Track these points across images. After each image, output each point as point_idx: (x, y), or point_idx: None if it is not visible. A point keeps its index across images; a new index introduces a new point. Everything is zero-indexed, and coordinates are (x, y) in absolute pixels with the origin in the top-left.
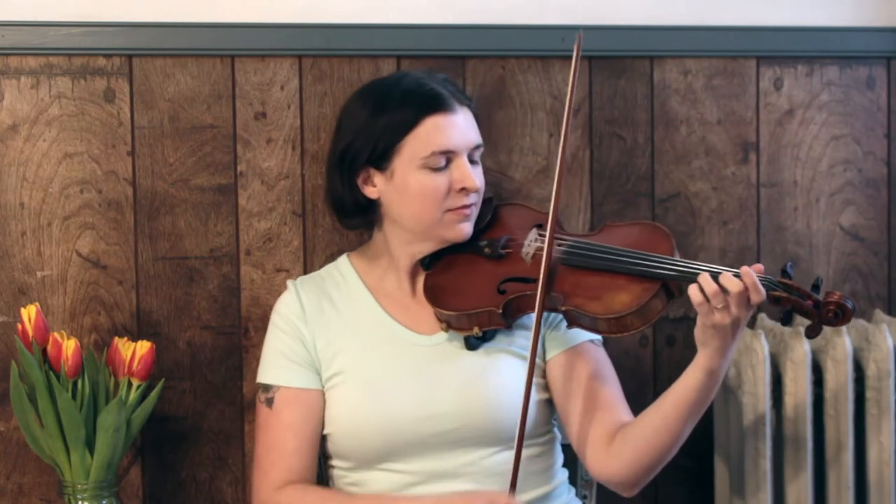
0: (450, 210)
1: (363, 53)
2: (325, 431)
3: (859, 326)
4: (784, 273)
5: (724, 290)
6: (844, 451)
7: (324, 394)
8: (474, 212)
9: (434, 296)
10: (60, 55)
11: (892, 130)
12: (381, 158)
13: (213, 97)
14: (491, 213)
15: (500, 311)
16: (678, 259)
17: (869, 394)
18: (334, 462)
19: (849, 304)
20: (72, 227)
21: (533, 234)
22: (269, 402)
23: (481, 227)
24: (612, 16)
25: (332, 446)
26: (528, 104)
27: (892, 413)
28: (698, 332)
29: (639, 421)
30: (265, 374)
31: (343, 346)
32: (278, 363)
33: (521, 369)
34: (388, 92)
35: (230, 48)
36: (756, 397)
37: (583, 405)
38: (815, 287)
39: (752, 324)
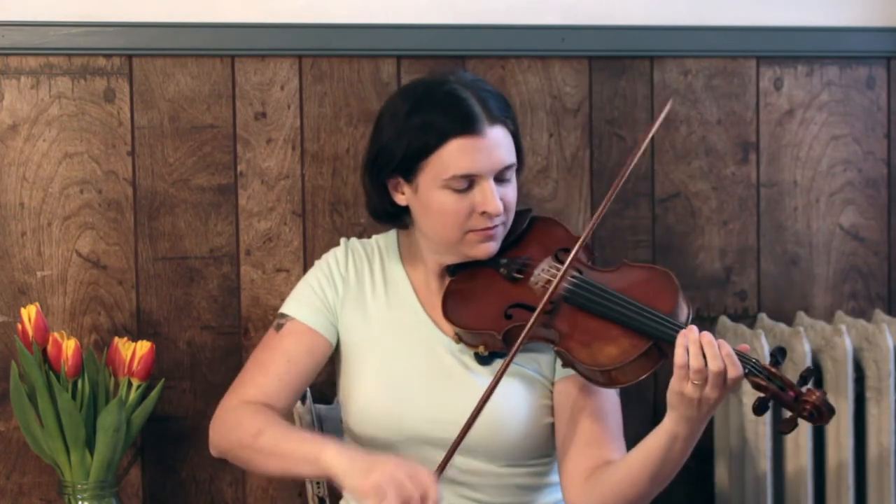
0: (472, 231)
1: (363, 53)
2: (343, 418)
3: (859, 326)
4: (773, 358)
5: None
6: (844, 451)
7: (332, 347)
8: (501, 231)
9: (448, 306)
10: (60, 55)
11: (892, 130)
12: (408, 171)
13: (213, 97)
14: (525, 225)
15: (500, 337)
16: (672, 320)
17: (869, 394)
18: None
19: (826, 410)
20: (72, 227)
21: (547, 262)
22: (279, 327)
23: (512, 240)
24: (612, 16)
25: (348, 434)
26: (528, 104)
27: (892, 413)
28: (669, 394)
29: (611, 467)
30: (287, 305)
31: (373, 323)
32: (304, 298)
33: (531, 392)
34: (423, 103)
35: (230, 48)
36: (756, 397)
37: (574, 435)
38: (804, 379)
39: (752, 324)
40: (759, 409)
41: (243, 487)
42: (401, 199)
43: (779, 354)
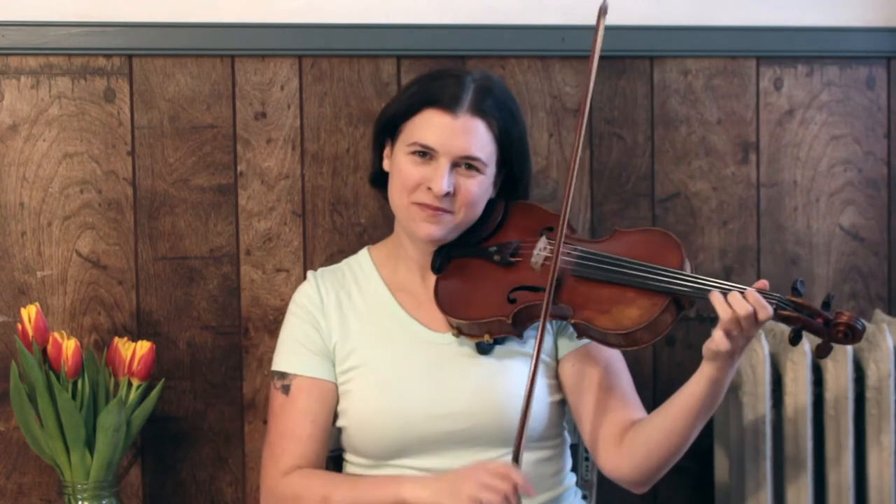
0: (416, 203)
1: (363, 53)
2: (340, 424)
3: None
4: (794, 290)
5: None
6: (844, 452)
7: (337, 386)
8: (448, 220)
9: (444, 302)
10: (60, 55)
11: (892, 130)
12: (393, 133)
13: (213, 97)
14: (502, 214)
15: (510, 321)
16: (688, 274)
17: (869, 394)
18: (350, 458)
19: (859, 326)
20: (72, 227)
21: (542, 241)
22: (286, 389)
23: (491, 230)
24: (613, 16)
25: (346, 440)
26: (527, 104)
27: (893, 413)
28: (707, 349)
29: (647, 423)
30: (281, 362)
31: (359, 342)
32: (295, 351)
33: (538, 371)
34: (428, 76)
35: (230, 48)
36: (756, 397)
37: (595, 403)
38: (826, 304)
39: None
40: (794, 340)
41: (243, 487)
42: (385, 165)
43: (799, 286)
